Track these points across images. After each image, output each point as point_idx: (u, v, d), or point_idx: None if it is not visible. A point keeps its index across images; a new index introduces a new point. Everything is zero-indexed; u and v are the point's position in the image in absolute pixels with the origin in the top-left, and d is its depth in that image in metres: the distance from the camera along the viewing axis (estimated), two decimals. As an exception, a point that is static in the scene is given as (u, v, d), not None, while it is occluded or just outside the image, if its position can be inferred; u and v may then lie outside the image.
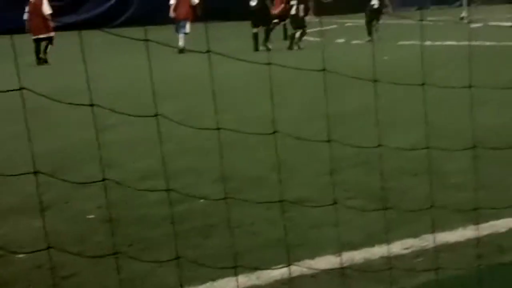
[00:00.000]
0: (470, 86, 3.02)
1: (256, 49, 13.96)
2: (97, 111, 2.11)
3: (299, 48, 14.06)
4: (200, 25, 16.30)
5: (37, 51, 12.85)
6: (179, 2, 14.33)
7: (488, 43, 11.81)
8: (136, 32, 2.29)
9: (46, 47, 13.06)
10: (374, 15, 14.59)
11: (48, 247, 1.97)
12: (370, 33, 14.40)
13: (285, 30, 15.59)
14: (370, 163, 4.35)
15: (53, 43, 13.06)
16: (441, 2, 29.44)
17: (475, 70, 5.98)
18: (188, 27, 14.19)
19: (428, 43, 13.13)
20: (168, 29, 14.36)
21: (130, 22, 22.22)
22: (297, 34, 14.40)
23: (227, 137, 4.72)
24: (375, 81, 2.88)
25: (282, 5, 14.88)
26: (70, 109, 6.66)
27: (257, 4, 14.21)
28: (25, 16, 13.27)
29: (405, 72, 9.08)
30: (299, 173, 4.30)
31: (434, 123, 5.34)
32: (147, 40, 2.30)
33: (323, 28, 14.62)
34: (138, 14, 23.21)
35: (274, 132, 2.32)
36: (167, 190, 2.26)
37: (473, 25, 17.44)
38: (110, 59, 13.09)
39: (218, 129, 2.44)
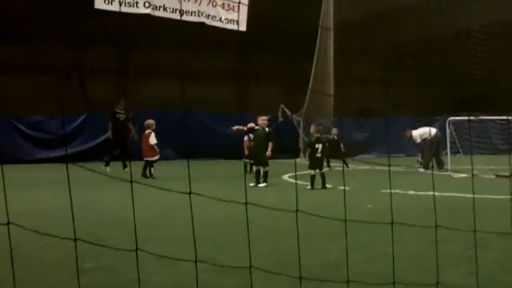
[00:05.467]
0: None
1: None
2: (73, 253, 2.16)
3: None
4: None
5: (144, 169, 17.38)
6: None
7: (469, 195, 12.05)
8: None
9: (151, 166, 17.36)
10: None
11: None
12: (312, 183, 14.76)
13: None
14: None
15: (153, 165, 17.50)
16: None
17: (458, 224, 6.12)
18: None
19: (411, 192, 13.39)
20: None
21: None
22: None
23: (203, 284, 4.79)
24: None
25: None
26: (48, 250, 6.74)
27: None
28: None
29: (387, 223, 9.25)
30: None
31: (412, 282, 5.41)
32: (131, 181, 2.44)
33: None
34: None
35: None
36: None
37: (457, 176, 17.85)
38: (94, 193, 13.28)
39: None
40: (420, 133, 21.26)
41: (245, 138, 19.19)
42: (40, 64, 25.97)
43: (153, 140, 17.57)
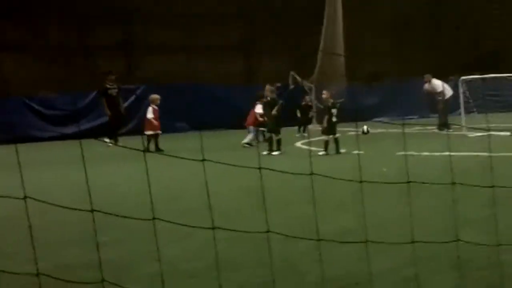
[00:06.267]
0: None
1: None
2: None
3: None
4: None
5: (155, 144, 17.03)
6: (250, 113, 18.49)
7: (484, 154, 11.90)
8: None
9: (149, 141, 17.01)
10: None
11: None
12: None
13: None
14: (361, 285, 4.36)
15: (158, 138, 17.25)
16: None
17: (474, 183, 6.00)
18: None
19: (425, 153, 13.28)
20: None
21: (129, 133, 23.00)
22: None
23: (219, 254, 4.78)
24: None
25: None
26: (64, 226, 6.76)
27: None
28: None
29: (401, 186, 9.17)
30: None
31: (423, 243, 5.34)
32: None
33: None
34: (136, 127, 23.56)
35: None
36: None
37: (472, 135, 17.70)
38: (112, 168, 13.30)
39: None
40: (442, 83, 20.74)
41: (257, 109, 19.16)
42: (48, 42, 25.89)
43: (149, 114, 17.49)
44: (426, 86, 20.97)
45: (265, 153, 15.34)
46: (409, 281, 4.37)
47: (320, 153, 14.50)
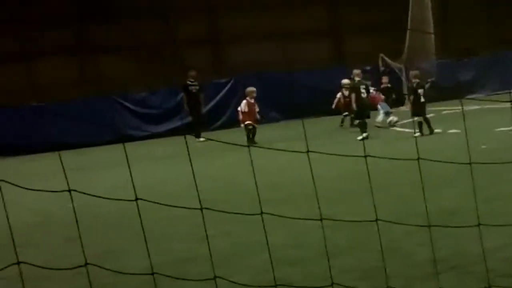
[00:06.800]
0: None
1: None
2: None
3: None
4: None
5: (247, 135, 16.98)
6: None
7: None
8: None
9: (253, 134, 17.16)
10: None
11: None
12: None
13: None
14: (467, 266, 4.31)
15: (256, 131, 17.25)
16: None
17: None
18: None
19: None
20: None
21: (225, 126, 23.33)
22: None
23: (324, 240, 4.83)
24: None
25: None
26: (171, 219, 6.98)
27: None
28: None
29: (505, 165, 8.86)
30: (390, 280, 4.29)
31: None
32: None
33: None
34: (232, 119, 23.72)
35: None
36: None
37: None
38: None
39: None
40: None
41: (338, 95, 19.44)
42: (135, 41, 26.38)
43: (241, 107, 17.45)
44: None
45: (359, 138, 15.21)
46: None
47: (416, 134, 14.24)
